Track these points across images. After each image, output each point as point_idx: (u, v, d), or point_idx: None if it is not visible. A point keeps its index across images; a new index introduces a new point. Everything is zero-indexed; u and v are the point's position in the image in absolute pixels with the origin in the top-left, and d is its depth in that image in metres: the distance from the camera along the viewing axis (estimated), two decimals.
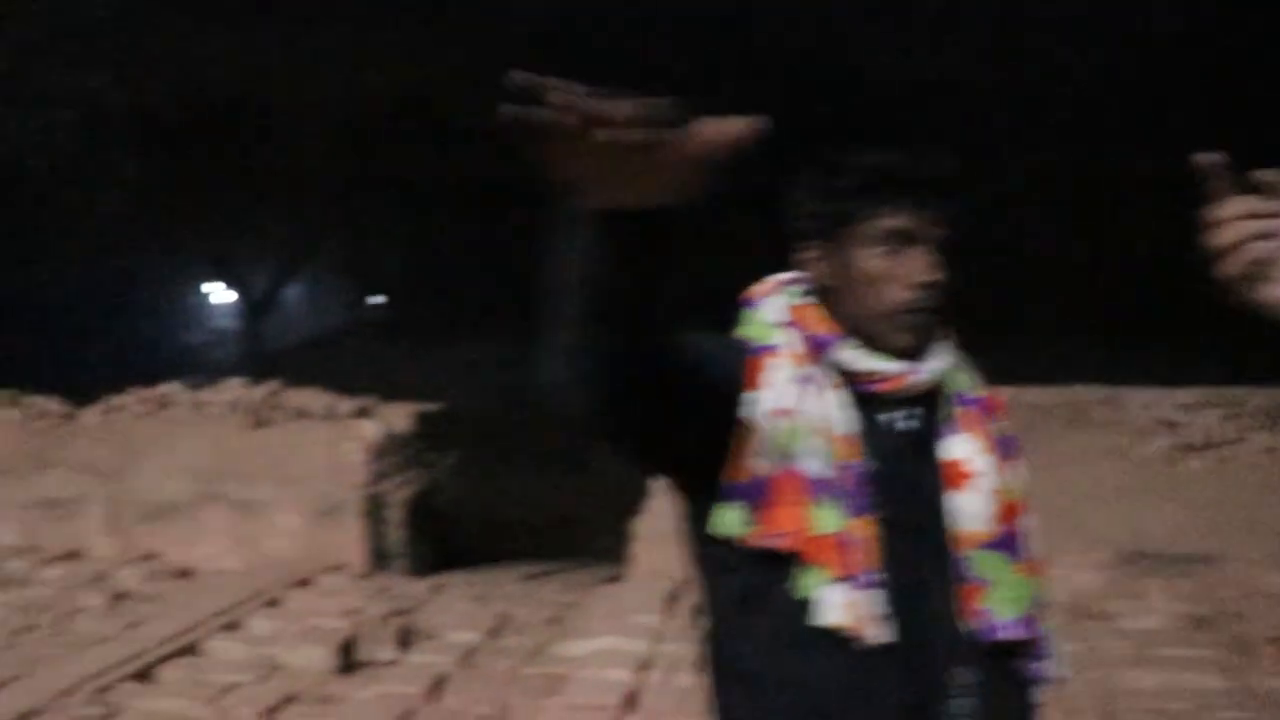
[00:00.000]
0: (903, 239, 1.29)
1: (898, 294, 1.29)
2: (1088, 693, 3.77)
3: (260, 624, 5.01)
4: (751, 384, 1.27)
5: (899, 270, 1.29)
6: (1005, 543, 1.30)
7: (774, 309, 1.37)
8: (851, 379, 1.30)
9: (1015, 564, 1.30)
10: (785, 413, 1.25)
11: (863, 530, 1.24)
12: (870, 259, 1.30)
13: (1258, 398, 5.88)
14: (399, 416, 6.73)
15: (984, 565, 1.28)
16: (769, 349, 1.31)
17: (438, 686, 4.17)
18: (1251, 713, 3.66)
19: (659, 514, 5.33)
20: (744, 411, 1.25)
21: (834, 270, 1.33)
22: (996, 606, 1.27)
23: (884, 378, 1.30)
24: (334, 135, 21.85)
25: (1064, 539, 4.85)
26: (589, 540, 7.78)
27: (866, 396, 1.29)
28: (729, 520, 1.26)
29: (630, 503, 5.72)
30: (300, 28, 19.60)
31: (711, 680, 1.34)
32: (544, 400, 1.19)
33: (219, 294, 30.15)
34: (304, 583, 5.64)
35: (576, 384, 1.14)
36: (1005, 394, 1.50)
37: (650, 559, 5.34)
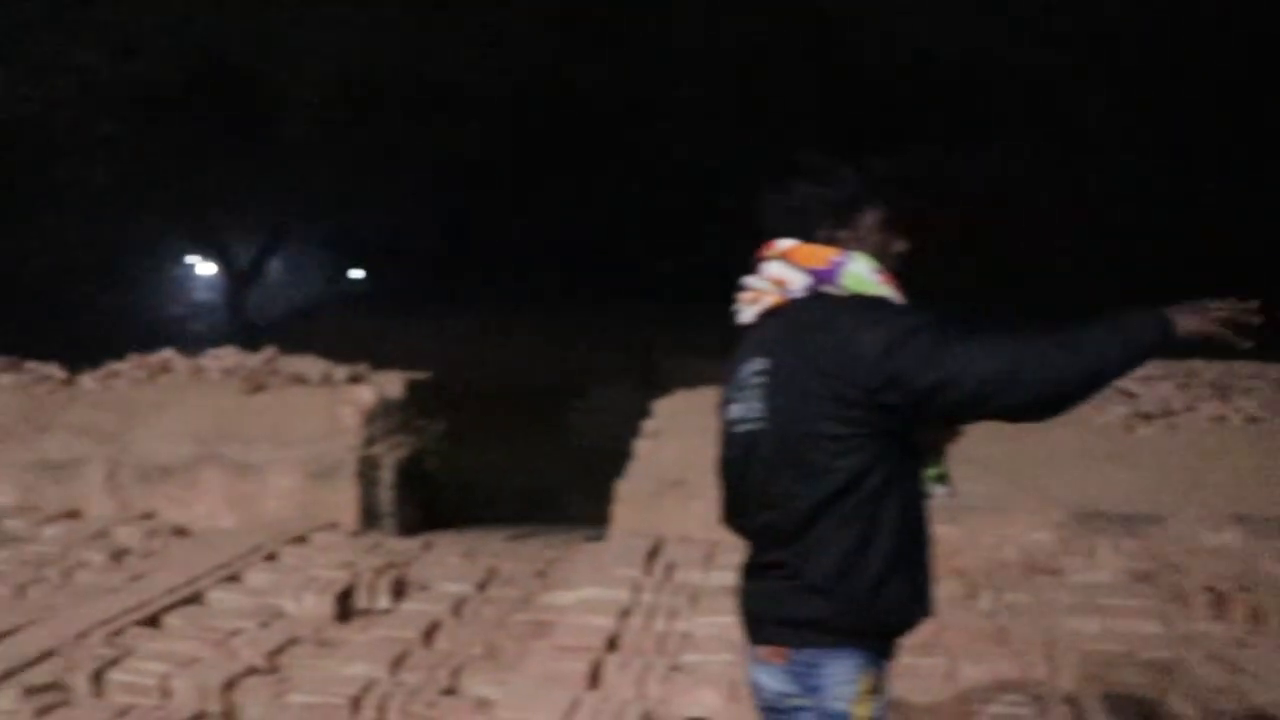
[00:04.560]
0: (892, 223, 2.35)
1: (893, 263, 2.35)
2: (1033, 637, 4.86)
3: (259, 576, 6.14)
4: None
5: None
6: None
7: (864, 270, 2.25)
8: None
9: None
10: None
11: None
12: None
13: (1209, 371, 7.44)
14: (391, 384, 8.19)
15: None
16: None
17: (431, 631, 5.28)
18: (1177, 652, 4.71)
19: (639, 476, 6.81)
20: None
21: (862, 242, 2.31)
22: None
23: None
24: (322, 108, 22.50)
25: (1024, 499, 6.41)
26: (567, 505, 9.46)
27: None
28: None
29: (604, 469, 7.12)
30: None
31: None
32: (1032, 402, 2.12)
33: (202, 266, 32.75)
34: (300, 539, 6.84)
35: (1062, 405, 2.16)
36: None
37: (630, 519, 6.61)
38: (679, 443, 6.53)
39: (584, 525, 7.60)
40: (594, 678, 4.30)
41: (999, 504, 6.21)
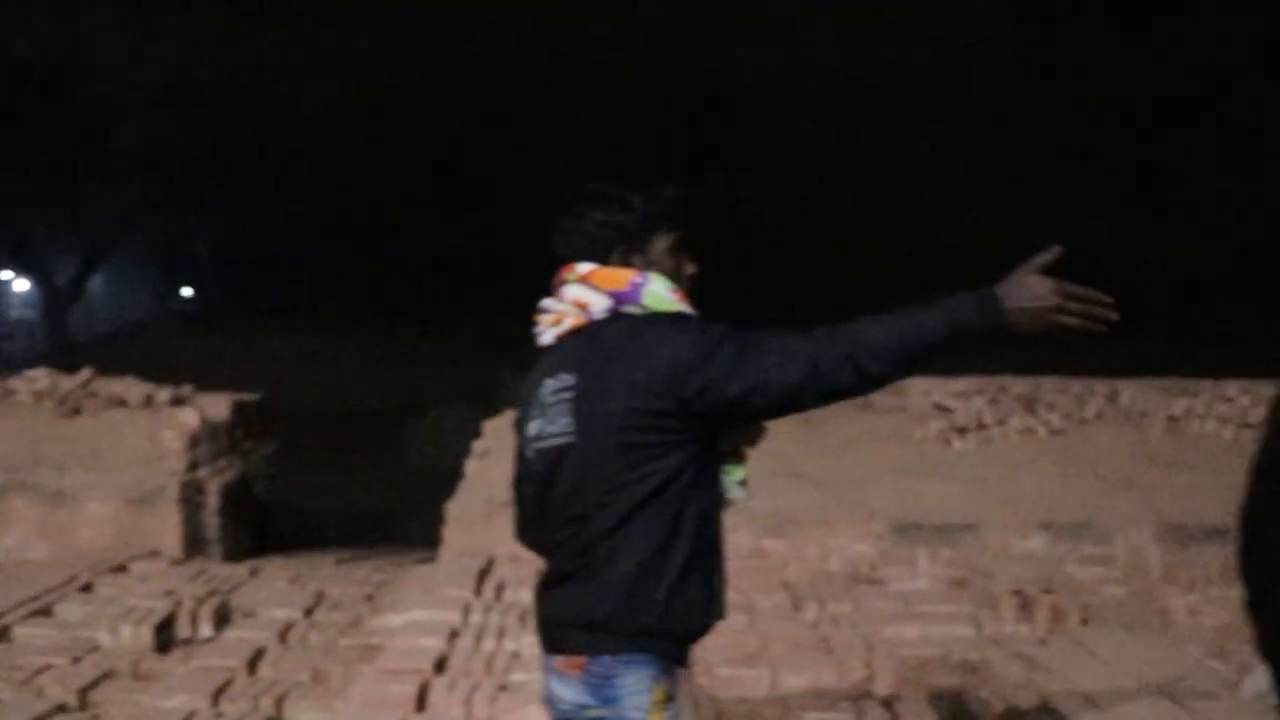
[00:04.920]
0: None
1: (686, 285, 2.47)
2: (854, 644, 5.04)
3: (73, 609, 5.92)
4: None
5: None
6: None
7: (663, 289, 2.35)
8: None
9: None
10: None
11: None
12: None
13: (1017, 386, 7.75)
14: (217, 405, 7.89)
15: None
16: None
17: (256, 659, 5.18)
18: (986, 653, 5.07)
19: (470, 496, 6.79)
20: None
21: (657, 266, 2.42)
22: None
23: None
24: (149, 118, 22.28)
25: (846, 512, 6.67)
26: (402, 528, 9.39)
27: None
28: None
29: (440, 490, 7.07)
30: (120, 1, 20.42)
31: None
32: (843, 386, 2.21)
33: (18, 281, 32.59)
34: (119, 568, 6.66)
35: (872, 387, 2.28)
36: None
37: (461, 539, 6.62)
38: (509, 462, 6.52)
39: (418, 547, 7.57)
40: (421, 700, 4.28)
41: (823, 518, 6.45)
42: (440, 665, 4.63)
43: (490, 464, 6.76)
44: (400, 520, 9.77)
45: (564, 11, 22.16)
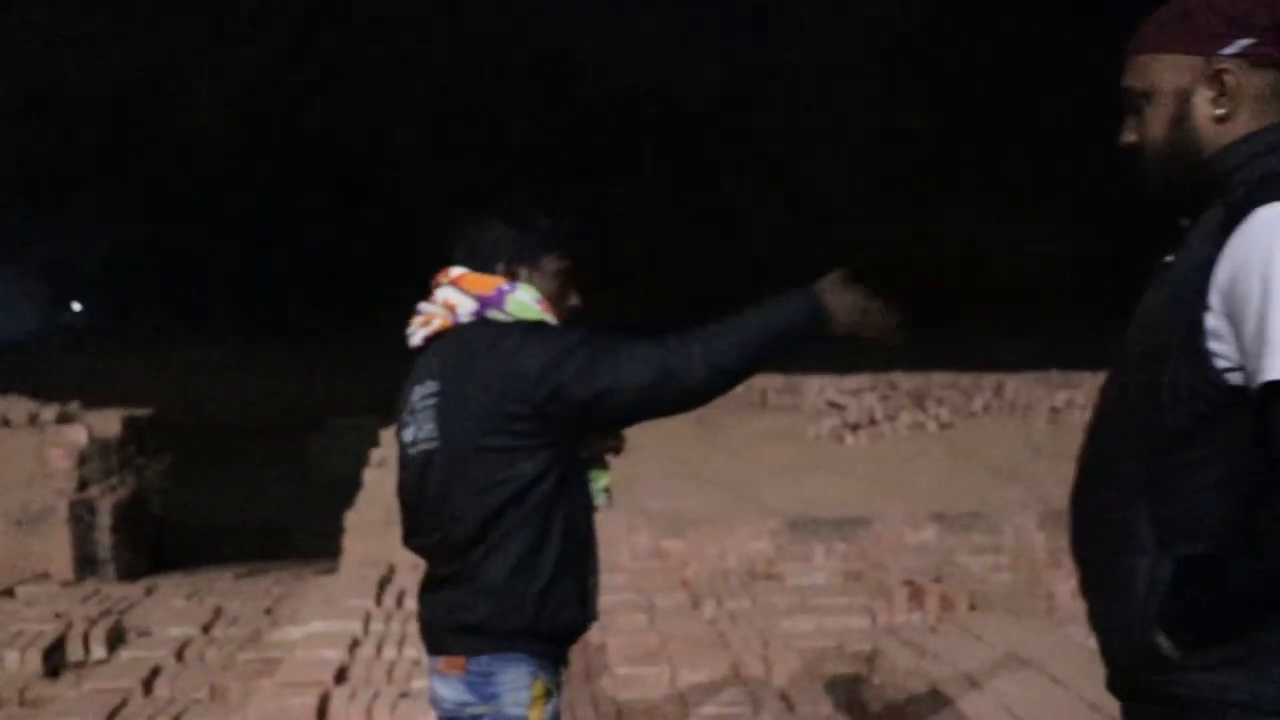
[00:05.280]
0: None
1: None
2: (751, 639, 5.16)
3: None
4: None
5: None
6: None
7: (529, 298, 2.41)
8: None
9: None
10: None
11: None
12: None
13: (907, 382, 7.93)
14: (107, 422, 7.81)
15: None
16: None
17: (152, 678, 5.08)
18: (879, 642, 5.03)
19: (369, 506, 6.75)
20: None
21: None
22: None
23: None
24: (30, 125, 21.74)
25: (743, 510, 6.76)
26: (303, 540, 9.32)
27: None
28: None
29: (341, 501, 7.03)
30: None
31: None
32: (694, 389, 2.26)
33: None
34: (5, 593, 6.51)
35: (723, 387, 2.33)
36: None
37: (361, 549, 6.62)
38: None
39: (319, 558, 7.53)
40: (322, 711, 4.28)
41: (721, 517, 6.59)
42: (341, 675, 4.63)
43: (388, 473, 6.75)
44: (301, 532, 9.67)
45: (455, 13, 22.10)
